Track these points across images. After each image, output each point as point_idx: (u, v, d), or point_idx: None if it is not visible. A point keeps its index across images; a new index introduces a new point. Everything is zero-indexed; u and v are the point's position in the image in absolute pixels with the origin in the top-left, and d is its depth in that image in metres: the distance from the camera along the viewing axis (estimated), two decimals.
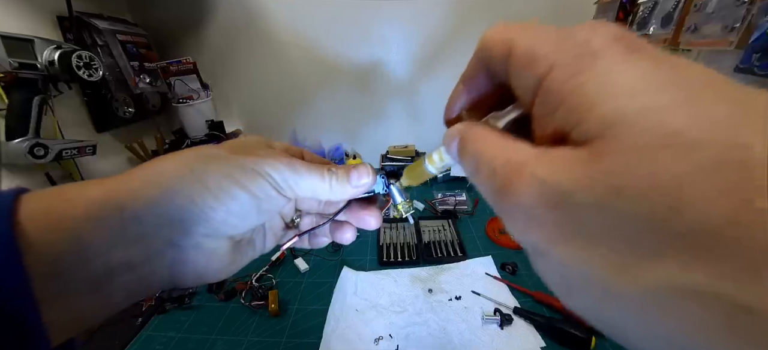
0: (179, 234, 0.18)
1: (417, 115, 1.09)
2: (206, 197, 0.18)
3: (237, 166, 0.19)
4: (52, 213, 0.16)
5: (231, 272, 0.22)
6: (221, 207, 0.19)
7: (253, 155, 0.20)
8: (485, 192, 0.14)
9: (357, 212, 0.25)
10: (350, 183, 0.22)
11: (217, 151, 0.20)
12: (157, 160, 0.19)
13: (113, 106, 0.84)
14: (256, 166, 0.20)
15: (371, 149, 1.12)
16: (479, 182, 0.14)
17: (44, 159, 0.61)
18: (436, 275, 0.61)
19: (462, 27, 0.96)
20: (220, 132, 0.96)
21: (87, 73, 0.65)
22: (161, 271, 0.19)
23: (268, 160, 0.20)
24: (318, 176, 0.22)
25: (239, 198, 0.19)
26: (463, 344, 0.48)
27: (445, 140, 0.16)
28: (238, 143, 0.22)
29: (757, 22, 0.52)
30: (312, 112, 1.07)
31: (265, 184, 0.20)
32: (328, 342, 0.49)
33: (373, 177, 0.23)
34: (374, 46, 0.99)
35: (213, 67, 1.00)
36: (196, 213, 0.18)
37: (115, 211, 0.17)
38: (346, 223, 0.26)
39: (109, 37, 0.78)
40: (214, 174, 0.19)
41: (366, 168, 0.23)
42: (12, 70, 0.57)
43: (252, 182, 0.20)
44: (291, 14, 0.94)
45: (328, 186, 0.22)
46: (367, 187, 0.23)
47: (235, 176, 0.19)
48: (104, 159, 0.83)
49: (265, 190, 0.20)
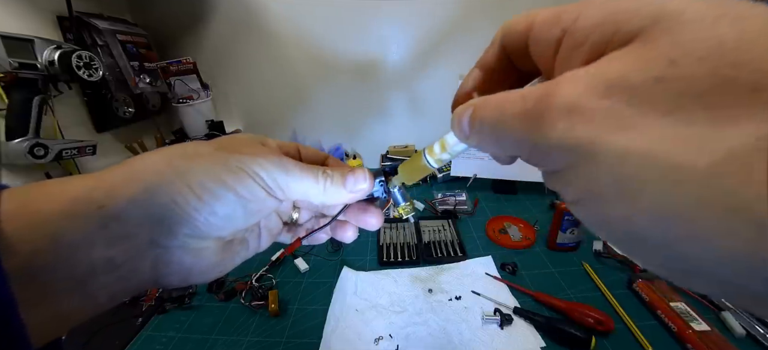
0: (162, 234, 0.18)
1: (417, 114, 1.09)
2: (188, 197, 0.17)
3: (222, 164, 0.18)
4: (29, 210, 0.15)
5: (220, 272, 0.21)
6: (204, 208, 0.18)
7: (241, 153, 0.19)
8: (515, 134, 0.13)
9: (357, 213, 0.24)
10: (346, 188, 0.21)
11: (205, 147, 0.19)
12: (141, 155, 0.19)
13: (113, 106, 0.84)
14: (243, 165, 0.19)
15: (371, 149, 1.12)
16: (505, 130, 0.13)
17: (44, 159, 0.61)
18: (436, 275, 0.61)
19: (462, 27, 0.96)
20: (220, 132, 0.96)
21: (87, 73, 0.65)
22: (145, 271, 0.18)
23: (257, 158, 0.19)
24: (312, 178, 0.20)
25: (224, 198, 0.18)
26: (462, 344, 0.48)
27: (455, 117, 0.16)
28: (227, 140, 0.20)
29: None
30: (312, 112, 1.07)
31: (253, 184, 0.19)
32: (328, 342, 0.49)
33: (371, 183, 0.22)
34: (374, 45, 0.99)
35: (213, 67, 1.00)
36: (177, 213, 0.18)
37: (92, 208, 0.16)
38: (346, 222, 0.25)
39: (109, 37, 0.78)
40: (198, 172, 0.18)
41: (363, 172, 0.22)
42: (12, 70, 0.57)
43: (238, 182, 0.19)
44: (291, 14, 0.95)
45: (321, 189, 0.21)
46: (363, 193, 0.22)
47: (219, 175, 0.18)
48: (104, 159, 0.83)
49: (253, 191, 0.19)
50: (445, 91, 1.03)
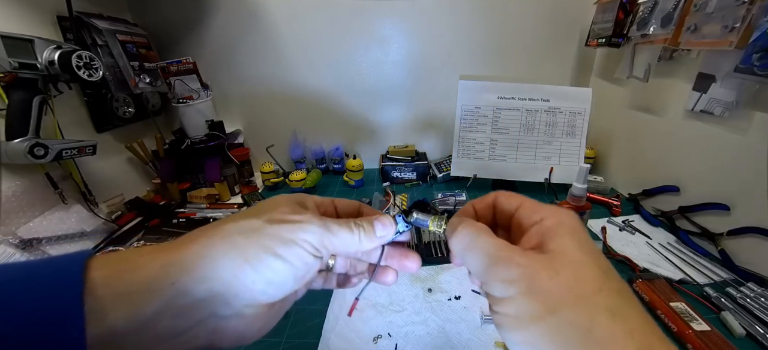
0: (221, 305, 0.20)
1: (417, 114, 1.09)
2: (247, 272, 0.20)
3: (275, 238, 0.21)
4: (116, 281, 0.17)
5: (267, 330, 0.23)
6: (260, 280, 0.20)
7: (287, 222, 0.21)
8: (481, 256, 0.21)
9: (399, 258, 0.27)
10: (376, 235, 0.24)
11: (256, 222, 0.21)
12: (205, 232, 0.21)
13: (113, 106, 0.84)
14: (294, 235, 0.21)
15: (371, 149, 1.12)
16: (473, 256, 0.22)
17: (44, 159, 0.61)
18: (436, 275, 0.61)
19: (462, 26, 0.96)
20: (220, 132, 0.96)
21: (87, 73, 0.65)
22: (202, 337, 0.20)
23: (303, 226, 0.22)
24: (348, 232, 0.23)
25: (278, 269, 0.21)
26: (461, 344, 0.48)
27: (450, 226, 0.25)
28: (271, 205, 0.23)
29: (757, 22, 0.52)
30: (312, 112, 1.07)
31: (303, 252, 0.21)
32: (327, 341, 0.49)
33: (393, 225, 0.25)
34: (374, 45, 0.99)
35: (213, 67, 1.00)
36: (237, 286, 0.20)
37: (167, 283, 0.18)
38: (388, 267, 0.28)
39: (109, 37, 0.78)
40: (255, 248, 0.20)
41: (387, 218, 0.25)
42: (12, 70, 0.57)
43: (290, 252, 0.21)
44: (291, 14, 0.95)
45: (357, 240, 0.23)
46: (391, 234, 0.25)
47: (273, 248, 0.20)
48: (104, 159, 0.83)
49: (303, 258, 0.22)
50: (445, 90, 1.03)
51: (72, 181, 0.74)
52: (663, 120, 0.78)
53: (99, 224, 0.77)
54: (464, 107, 0.90)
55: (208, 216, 0.85)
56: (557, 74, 1.04)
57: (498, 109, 0.89)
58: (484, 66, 1.01)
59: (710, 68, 0.63)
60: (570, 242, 0.19)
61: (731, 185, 0.63)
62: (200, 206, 0.91)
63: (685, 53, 0.70)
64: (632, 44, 0.80)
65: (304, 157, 1.09)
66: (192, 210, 0.88)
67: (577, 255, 0.19)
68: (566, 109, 0.87)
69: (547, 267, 0.18)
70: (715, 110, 0.63)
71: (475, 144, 0.92)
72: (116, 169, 0.89)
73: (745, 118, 0.59)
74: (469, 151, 0.92)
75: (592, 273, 0.18)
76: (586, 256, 0.19)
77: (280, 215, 0.22)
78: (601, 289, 0.17)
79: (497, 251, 0.20)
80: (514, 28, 0.96)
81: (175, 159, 0.93)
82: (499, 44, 0.98)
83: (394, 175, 1.02)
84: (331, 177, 1.09)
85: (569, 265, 0.18)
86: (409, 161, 1.01)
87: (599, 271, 0.18)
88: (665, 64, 0.74)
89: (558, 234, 0.20)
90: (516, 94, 0.88)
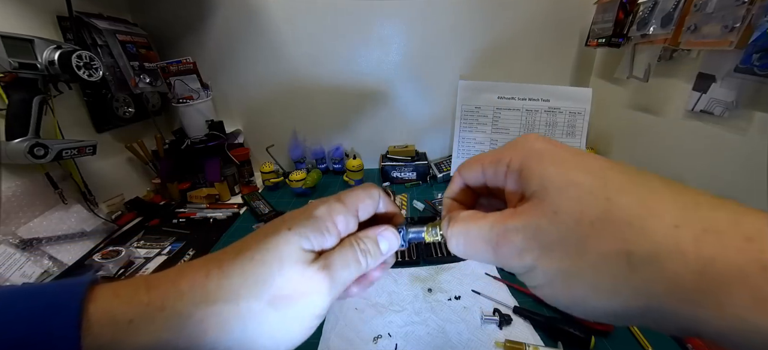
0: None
1: (417, 114, 1.09)
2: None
3: (283, 324, 0.21)
4: (113, 321, 0.18)
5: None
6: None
7: (294, 304, 0.21)
8: (482, 247, 0.19)
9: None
10: (382, 254, 0.24)
11: (257, 304, 0.20)
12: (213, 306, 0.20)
13: (113, 106, 0.84)
14: (303, 314, 0.21)
15: (371, 149, 1.12)
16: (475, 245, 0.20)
17: (44, 159, 0.61)
18: (436, 274, 0.61)
19: (462, 27, 0.96)
20: (220, 132, 0.96)
21: (87, 73, 0.65)
22: None
23: (309, 299, 0.21)
24: (355, 262, 0.22)
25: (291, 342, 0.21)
26: (461, 343, 0.48)
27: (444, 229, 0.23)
28: (274, 271, 0.21)
29: (757, 22, 0.52)
30: (312, 112, 1.07)
31: (311, 318, 0.21)
32: (327, 340, 0.49)
33: (398, 240, 0.25)
34: (374, 45, 0.99)
35: (213, 67, 1.00)
36: None
37: (159, 310, 0.19)
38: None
39: (109, 37, 0.78)
40: (264, 338, 0.20)
41: (390, 231, 0.24)
42: (12, 70, 0.57)
43: (299, 327, 0.21)
44: (291, 14, 0.95)
45: (365, 265, 0.23)
46: (395, 248, 0.25)
47: (282, 338, 0.21)
48: (104, 159, 0.83)
49: (312, 323, 0.22)
50: (445, 90, 1.03)
51: (72, 181, 0.74)
52: (663, 120, 0.78)
53: (99, 224, 0.77)
54: (464, 107, 0.90)
55: (208, 216, 0.85)
56: (557, 74, 1.05)
57: (498, 109, 0.89)
58: (484, 66, 1.01)
59: (710, 68, 0.63)
60: (545, 167, 0.17)
61: (731, 185, 0.63)
62: (200, 206, 0.91)
63: (685, 53, 0.70)
64: (632, 44, 0.80)
65: (304, 156, 1.09)
66: (192, 210, 0.89)
67: (561, 176, 0.16)
68: (566, 109, 0.87)
69: (543, 213, 0.16)
70: (715, 110, 0.63)
71: (475, 144, 0.92)
72: (116, 168, 0.89)
73: (745, 118, 0.59)
74: (469, 151, 0.92)
75: (587, 181, 0.16)
76: (570, 168, 0.16)
77: (286, 293, 0.20)
78: (607, 185, 0.15)
79: (491, 232, 0.18)
80: (514, 28, 0.96)
81: (175, 159, 0.93)
82: (499, 44, 0.98)
83: (394, 174, 1.02)
84: (331, 177, 1.09)
85: (559, 193, 0.16)
86: (409, 161, 1.01)
87: (591, 176, 0.16)
88: (665, 64, 0.74)
89: (529, 169, 0.18)
90: (516, 94, 0.88)
